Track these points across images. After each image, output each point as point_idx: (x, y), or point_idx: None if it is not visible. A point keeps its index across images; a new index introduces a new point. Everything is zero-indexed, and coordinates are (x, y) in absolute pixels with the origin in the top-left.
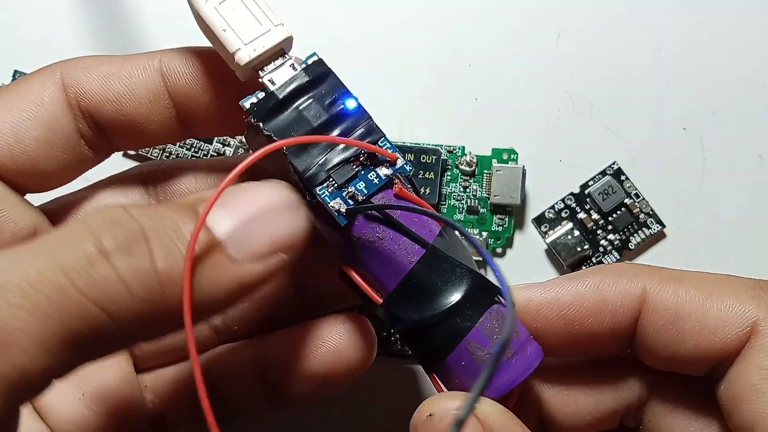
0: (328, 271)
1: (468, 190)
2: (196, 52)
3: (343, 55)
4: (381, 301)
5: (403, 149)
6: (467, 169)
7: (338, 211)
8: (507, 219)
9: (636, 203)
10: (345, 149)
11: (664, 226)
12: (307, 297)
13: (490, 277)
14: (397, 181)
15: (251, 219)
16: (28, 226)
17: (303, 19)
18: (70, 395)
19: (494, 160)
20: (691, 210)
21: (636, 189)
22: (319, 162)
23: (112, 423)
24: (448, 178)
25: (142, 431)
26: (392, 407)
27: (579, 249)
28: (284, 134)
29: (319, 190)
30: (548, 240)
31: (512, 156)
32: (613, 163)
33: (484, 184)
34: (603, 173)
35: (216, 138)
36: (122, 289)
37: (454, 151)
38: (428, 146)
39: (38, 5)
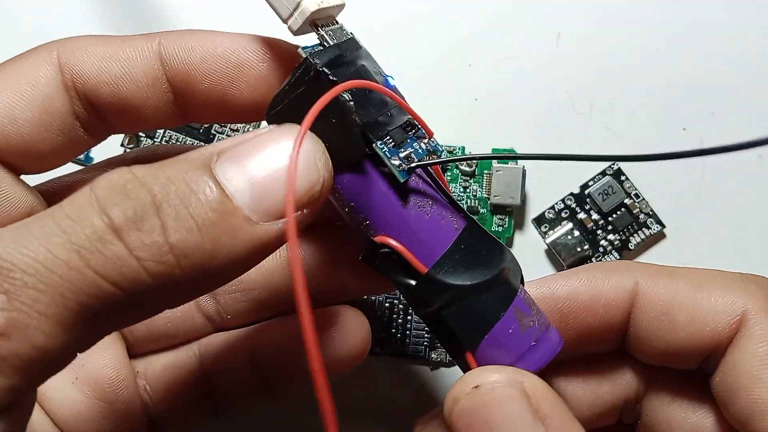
0: (326, 264)
1: (468, 190)
2: (197, 36)
3: None
4: (426, 270)
5: None
6: (467, 169)
7: (398, 166)
8: (507, 219)
9: (636, 203)
10: (397, 116)
11: (664, 226)
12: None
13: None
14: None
15: (267, 174)
16: (25, 206)
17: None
18: (63, 378)
19: (494, 160)
20: (691, 210)
21: (636, 189)
22: (378, 119)
23: (103, 407)
24: (448, 178)
25: (135, 417)
26: (392, 407)
27: (579, 249)
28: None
29: (380, 145)
30: (548, 240)
31: None
32: (613, 163)
33: (484, 185)
34: (603, 173)
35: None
36: (135, 265)
37: (454, 152)
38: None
39: (39, 5)
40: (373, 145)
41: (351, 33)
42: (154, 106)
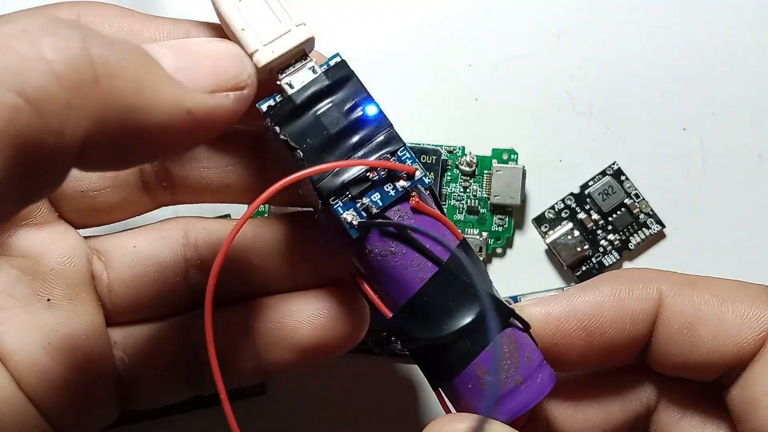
0: (321, 248)
1: (468, 190)
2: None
3: (343, 56)
4: (390, 315)
5: None
6: (467, 169)
7: (350, 223)
8: (507, 219)
9: (636, 203)
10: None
11: (664, 226)
12: (295, 269)
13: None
14: (414, 193)
15: (194, 55)
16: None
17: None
18: (34, 343)
19: (494, 160)
20: (691, 210)
21: (636, 189)
22: (335, 172)
23: (75, 375)
24: (448, 178)
25: (107, 388)
26: (392, 407)
27: (579, 249)
28: (301, 140)
29: (333, 201)
30: (548, 240)
31: (512, 156)
32: (613, 163)
33: (484, 185)
34: (603, 173)
35: None
36: (43, 67)
37: (454, 151)
38: (428, 146)
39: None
40: (328, 201)
41: (328, 62)
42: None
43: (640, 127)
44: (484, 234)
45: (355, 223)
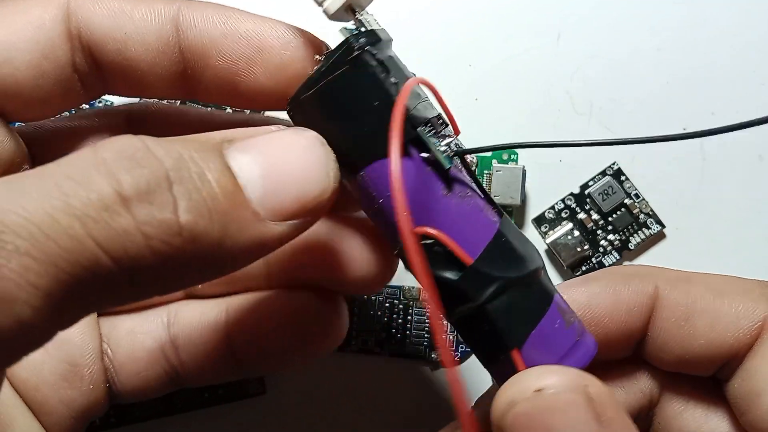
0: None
1: None
2: (220, 11)
3: None
4: (472, 261)
5: None
6: None
7: (445, 151)
8: None
9: (636, 203)
10: (429, 109)
11: (663, 226)
12: (279, 272)
13: None
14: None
15: (281, 172)
16: (7, 151)
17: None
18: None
19: (494, 160)
20: (691, 210)
21: (636, 189)
22: (417, 106)
23: (67, 370)
24: None
25: (97, 382)
26: (392, 407)
27: (579, 249)
28: (389, 70)
29: (425, 130)
30: (548, 240)
31: (512, 156)
32: (613, 164)
33: (484, 185)
34: (603, 173)
35: None
36: (141, 241)
37: None
38: None
39: None
40: (419, 129)
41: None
42: (161, 74)
43: (640, 127)
44: None
45: (451, 150)
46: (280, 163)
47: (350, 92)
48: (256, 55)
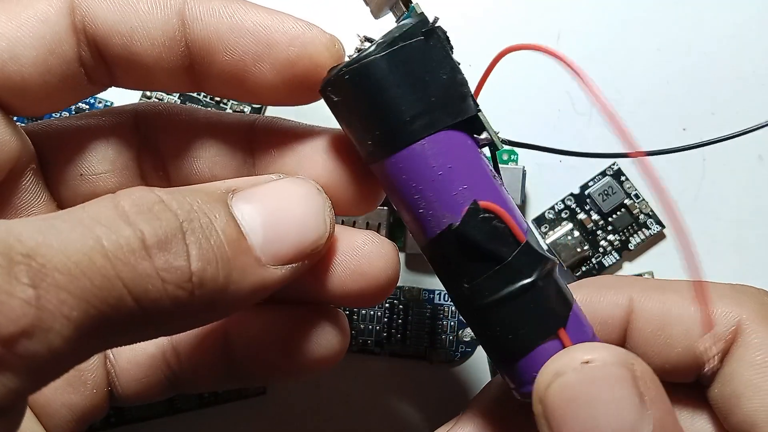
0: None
1: None
2: (228, 4)
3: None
4: (525, 239)
5: None
6: None
7: (497, 133)
8: None
9: (636, 204)
10: None
11: (663, 226)
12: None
13: None
14: None
15: (280, 220)
16: (14, 150)
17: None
18: None
19: None
20: (691, 210)
21: (636, 189)
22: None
23: (71, 373)
24: None
25: (100, 388)
26: (392, 407)
27: (579, 249)
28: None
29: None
30: (548, 241)
31: (512, 156)
32: (613, 164)
33: None
34: (603, 174)
35: None
36: (159, 284)
37: None
38: None
39: None
40: (479, 112)
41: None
42: (167, 68)
43: (640, 127)
44: None
45: (500, 136)
46: (280, 212)
47: (421, 61)
48: (264, 50)
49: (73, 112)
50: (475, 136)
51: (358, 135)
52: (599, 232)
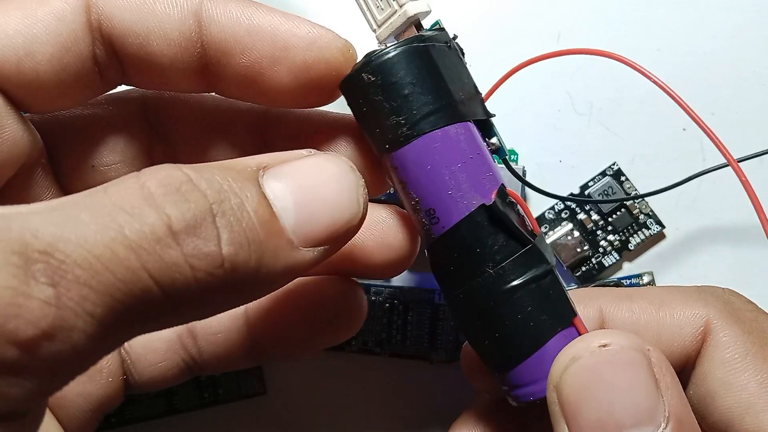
0: None
1: None
2: (245, 6)
3: None
4: (540, 232)
5: None
6: None
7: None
8: None
9: (636, 204)
10: None
11: (663, 226)
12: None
13: None
14: None
15: (313, 200)
16: (25, 147)
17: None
18: None
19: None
20: (691, 210)
21: (636, 189)
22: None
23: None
24: None
25: (114, 376)
26: (392, 407)
27: (579, 250)
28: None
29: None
30: (548, 241)
31: (512, 156)
32: (613, 164)
33: None
34: (603, 174)
35: None
36: (187, 272)
37: None
38: None
39: None
40: (490, 119)
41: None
42: (181, 69)
43: (640, 127)
44: None
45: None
46: (312, 191)
47: (449, 61)
48: (281, 53)
49: None
50: (486, 139)
51: (393, 117)
52: (599, 232)
